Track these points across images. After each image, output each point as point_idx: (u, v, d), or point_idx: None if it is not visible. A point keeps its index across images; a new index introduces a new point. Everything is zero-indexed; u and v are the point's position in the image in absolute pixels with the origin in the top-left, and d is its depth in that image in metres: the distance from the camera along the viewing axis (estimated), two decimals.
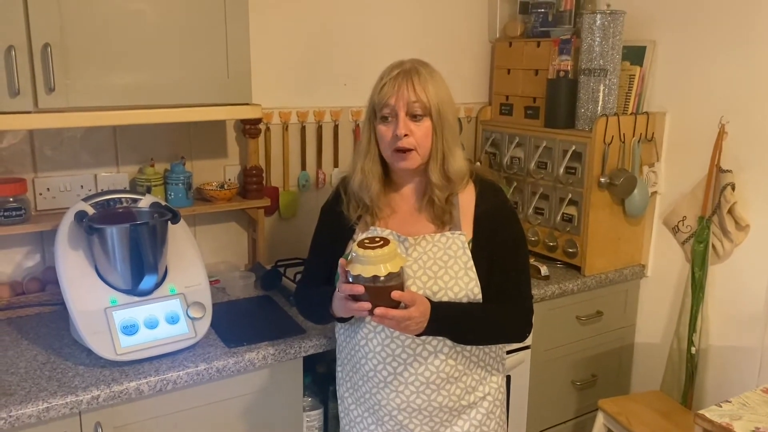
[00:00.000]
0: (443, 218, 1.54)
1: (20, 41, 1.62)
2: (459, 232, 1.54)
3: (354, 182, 1.57)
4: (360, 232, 1.57)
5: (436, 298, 1.48)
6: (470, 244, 1.54)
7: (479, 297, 1.51)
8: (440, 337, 1.51)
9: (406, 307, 1.37)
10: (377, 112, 1.52)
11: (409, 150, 1.49)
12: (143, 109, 1.82)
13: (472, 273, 1.51)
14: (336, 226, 1.61)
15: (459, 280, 1.50)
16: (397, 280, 1.35)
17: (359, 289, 1.34)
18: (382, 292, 1.34)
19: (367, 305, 1.35)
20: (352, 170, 1.59)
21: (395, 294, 1.34)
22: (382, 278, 1.33)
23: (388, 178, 1.59)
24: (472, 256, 1.52)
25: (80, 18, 1.68)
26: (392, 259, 1.34)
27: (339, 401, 1.71)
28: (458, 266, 1.51)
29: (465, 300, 1.50)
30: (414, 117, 1.48)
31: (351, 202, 1.59)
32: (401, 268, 1.36)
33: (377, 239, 1.36)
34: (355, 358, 1.60)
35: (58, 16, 1.65)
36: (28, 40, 1.63)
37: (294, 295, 1.77)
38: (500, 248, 1.56)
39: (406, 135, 1.47)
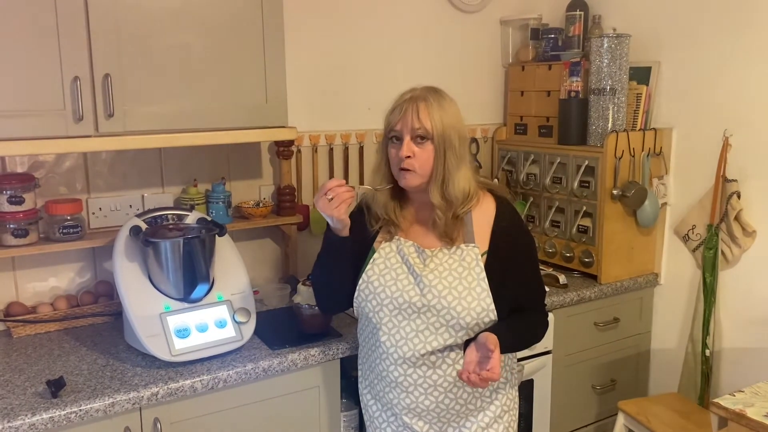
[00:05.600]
0: (451, 235, 1.65)
1: (84, 72, 1.80)
2: (473, 244, 1.64)
3: (367, 195, 1.73)
4: (383, 240, 1.71)
5: (450, 307, 1.60)
6: (485, 257, 1.64)
7: (492, 306, 1.61)
8: (448, 343, 1.62)
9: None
10: (387, 135, 1.65)
11: (410, 170, 1.60)
12: (190, 132, 1.98)
13: (485, 284, 1.61)
14: (359, 231, 1.71)
15: (472, 291, 1.61)
16: None
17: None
18: None
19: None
20: (368, 184, 1.74)
21: (491, 343, 1.51)
22: None
23: (404, 193, 1.71)
24: (487, 268, 1.63)
25: (136, 51, 1.86)
26: None
27: (360, 397, 1.84)
28: (471, 277, 1.62)
29: (478, 309, 1.60)
30: (418, 140, 1.59)
31: (373, 215, 1.72)
32: None
33: None
34: (371, 358, 1.73)
35: (117, 49, 1.83)
36: (91, 72, 1.81)
37: (312, 276, 1.86)
38: (519, 261, 1.68)
39: (408, 157, 1.58)
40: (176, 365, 1.78)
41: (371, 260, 1.69)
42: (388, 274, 1.66)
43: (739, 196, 2.34)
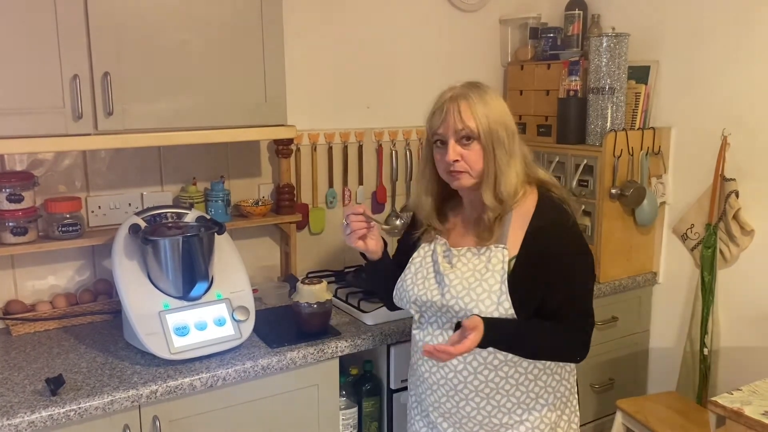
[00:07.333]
0: (483, 235, 1.58)
1: (83, 70, 1.80)
2: (502, 246, 1.55)
3: (411, 201, 1.72)
4: (425, 241, 1.69)
5: (467, 309, 1.54)
6: (514, 259, 1.55)
7: (510, 312, 1.52)
8: (472, 355, 1.56)
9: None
10: (431, 139, 1.59)
11: (462, 172, 1.54)
12: (189, 130, 1.98)
13: (505, 287, 1.52)
14: (409, 233, 1.77)
15: (492, 294, 1.52)
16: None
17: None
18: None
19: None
20: (414, 189, 1.73)
21: (469, 322, 1.44)
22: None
23: (448, 199, 1.67)
24: (515, 271, 1.53)
25: (135, 49, 1.86)
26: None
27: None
28: (494, 279, 1.53)
29: (496, 314, 1.51)
30: (464, 141, 1.52)
31: (417, 219, 1.73)
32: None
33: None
34: (411, 350, 1.75)
35: (116, 47, 1.83)
36: (90, 70, 1.81)
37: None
38: (552, 267, 1.54)
39: (456, 161, 1.53)
40: (175, 363, 1.78)
41: (411, 260, 1.69)
42: (419, 273, 1.65)
43: (737, 195, 2.35)
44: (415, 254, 1.69)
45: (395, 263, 1.75)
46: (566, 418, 1.67)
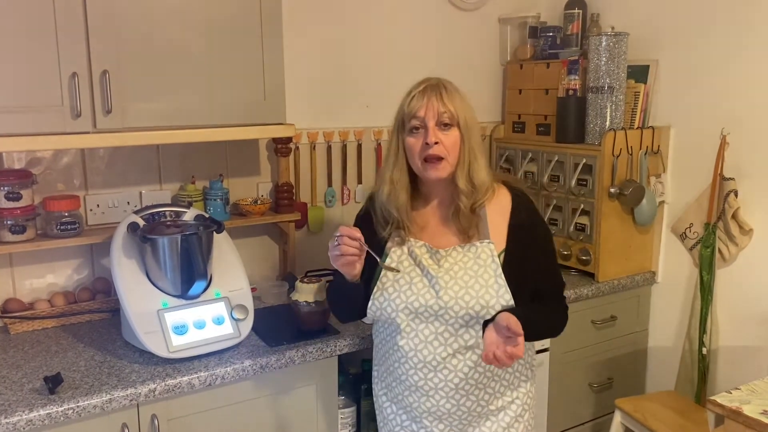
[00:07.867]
0: (469, 232, 1.61)
1: (82, 69, 1.79)
2: (487, 241, 1.60)
3: (383, 193, 1.63)
4: (393, 244, 1.64)
5: (469, 307, 1.56)
6: (503, 253, 1.61)
7: (511, 303, 1.57)
8: (470, 344, 1.58)
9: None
10: (406, 124, 1.59)
11: (440, 159, 1.56)
12: (188, 129, 1.98)
13: (502, 280, 1.57)
14: (369, 236, 1.60)
15: (490, 288, 1.56)
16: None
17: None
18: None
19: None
20: (380, 182, 1.66)
21: (512, 324, 1.45)
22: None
23: (417, 191, 1.67)
24: (504, 264, 1.59)
25: (134, 47, 1.86)
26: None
27: (374, 398, 1.81)
28: (488, 275, 1.57)
29: (498, 306, 1.56)
30: (442, 126, 1.56)
31: (380, 219, 1.66)
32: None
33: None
34: (390, 361, 1.69)
35: (116, 45, 1.83)
36: (89, 68, 1.80)
37: (327, 291, 1.84)
38: (537, 255, 1.65)
39: (436, 143, 1.54)
40: (174, 362, 1.78)
41: (384, 268, 1.63)
42: (401, 279, 1.61)
43: (736, 195, 2.35)
44: (387, 260, 1.63)
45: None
46: (534, 385, 1.80)
